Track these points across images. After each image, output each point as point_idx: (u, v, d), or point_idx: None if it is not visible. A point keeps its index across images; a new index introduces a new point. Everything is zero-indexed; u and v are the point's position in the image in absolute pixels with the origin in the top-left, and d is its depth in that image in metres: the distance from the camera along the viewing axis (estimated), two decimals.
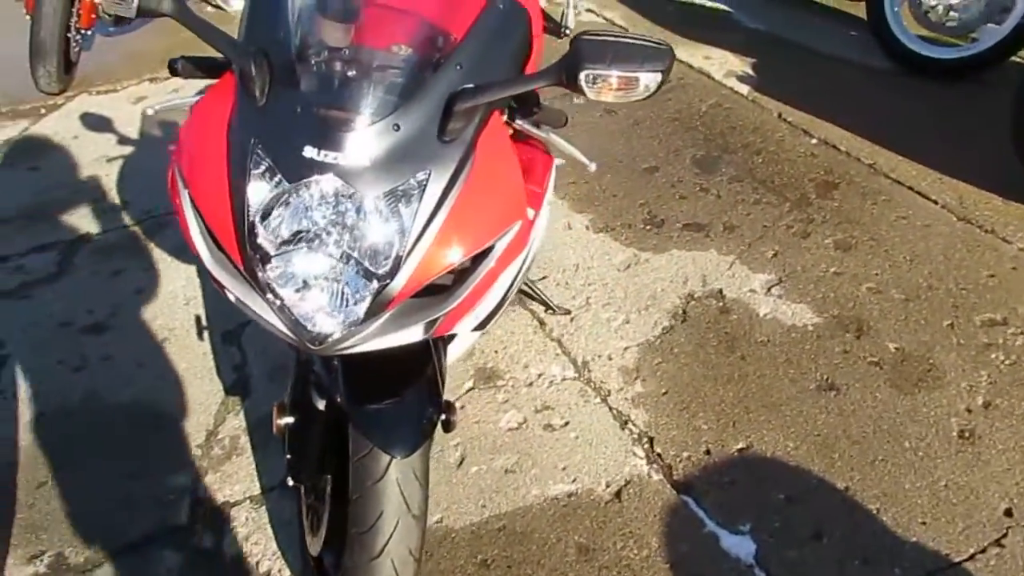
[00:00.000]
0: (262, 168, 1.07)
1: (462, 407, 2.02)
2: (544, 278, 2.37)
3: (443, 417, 1.46)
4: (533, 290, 2.28)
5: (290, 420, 1.36)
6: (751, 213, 2.65)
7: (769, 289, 2.35)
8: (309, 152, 1.06)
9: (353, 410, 1.26)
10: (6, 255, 2.54)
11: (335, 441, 1.33)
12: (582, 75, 1.09)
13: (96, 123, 3.18)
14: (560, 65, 1.11)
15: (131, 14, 1.11)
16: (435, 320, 1.17)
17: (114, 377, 2.12)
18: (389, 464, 1.23)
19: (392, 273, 1.08)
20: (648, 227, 2.61)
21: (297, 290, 1.09)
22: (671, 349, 2.17)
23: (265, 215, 1.06)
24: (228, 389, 2.07)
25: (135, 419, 2.01)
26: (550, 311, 2.28)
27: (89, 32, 3.49)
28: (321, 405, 1.34)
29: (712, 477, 1.84)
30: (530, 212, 1.27)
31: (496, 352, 2.17)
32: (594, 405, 2.02)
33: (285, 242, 1.07)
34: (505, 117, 1.30)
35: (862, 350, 2.14)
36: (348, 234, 1.07)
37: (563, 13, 2.37)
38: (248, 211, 1.07)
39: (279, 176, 1.06)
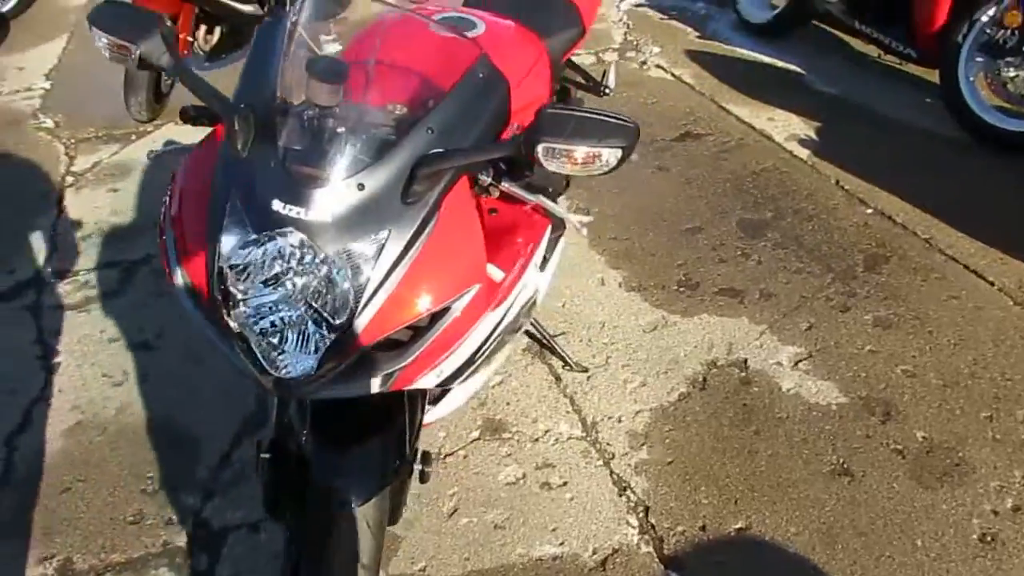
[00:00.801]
0: (235, 218, 1.14)
1: (464, 456, 2.03)
2: (563, 333, 2.37)
3: (419, 468, 1.50)
4: (552, 345, 2.28)
5: (267, 456, 1.42)
6: (791, 282, 2.58)
7: (797, 363, 2.27)
8: (276, 206, 1.11)
9: (314, 453, 1.31)
10: (77, 269, 2.73)
11: (304, 481, 1.38)
12: (540, 147, 1.12)
13: (177, 151, 3.41)
14: (522, 136, 1.14)
15: (133, 67, 1.21)
16: (391, 373, 1.20)
17: (148, 394, 2.24)
18: (342, 511, 1.26)
19: (348, 326, 1.12)
20: (682, 289, 2.57)
21: (262, 333, 1.14)
22: (684, 417, 2.13)
23: (234, 263, 1.12)
24: (248, 416, 2.16)
25: (160, 436, 2.11)
26: (568, 367, 2.28)
27: None
28: (295, 445, 1.39)
29: (703, 555, 1.79)
30: (498, 274, 1.28)
31: (508, 404, 2.18)
32: (596, 467, 2.00)
33: (250, 289, 1.12)
34: (490, 179, 1.32)
35: (886, 436, 2.04)
36: (308, 286, 1.11)
37: (604, 73, 2.40)
38: (218, 257, 1.14)
39: (248, 227, 1.12)
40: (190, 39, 3.63)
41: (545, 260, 1.69)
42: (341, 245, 1.12)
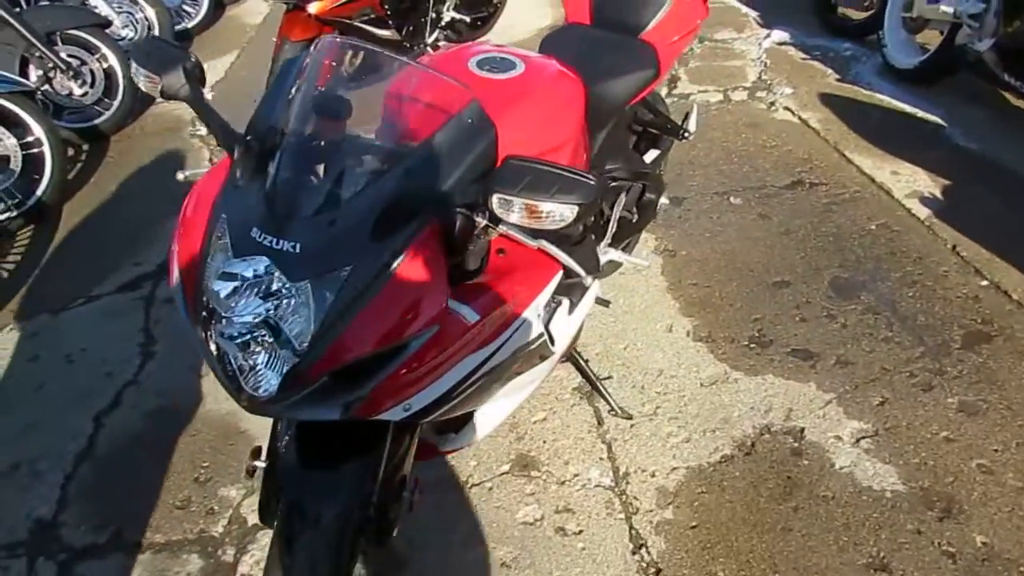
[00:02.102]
0: (222, 242, 1.23)
1: (489, 489, 2.05)
2: (610, 377, 2.33)
3: (408, 496, 1.54)
4: (600, 387, 2.25)
5: (262, 465, 1.50)
6: (874, 351, 2.40)
7: (858, 440, 2.11)
8: (255, 233, 1.19)
9: (289, 467, 1.38)
10: None
11: None
12: (493, 198, 1.14)
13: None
14: (482, 185, 1.16)
15: (156, 95, 1.34)
16: (351, 403, 1.24)
17: (223, 390, 2.42)
18: (306, 526, 1.32)
19: (308, 352, 1.18)
20: (752, 345, 2.45)
21: (239, 348, 1.22)
22: (721, 481, 2.03)
23: (211, 284, 1.21)
24: None
25: (221, 430, 2.29)
26: (612, 412, 2.24)
27: None
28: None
29: None
30: (472, 316, 1.29)
31: (544, 442, 2.17)
32: (616, 520, 1.95)
33: (224, 309, 1.21)
34: (485, 220, 1.34)
35: (940, 535, 1.85)
36: (275, 311, 1.18)
37: (686, 115, 2.36)
38: (204, 276, 1.23)
39: (229, 251, 1.21)
40: None
41: (573, 305, 1.68)
42: (307, 275, 1.17)
